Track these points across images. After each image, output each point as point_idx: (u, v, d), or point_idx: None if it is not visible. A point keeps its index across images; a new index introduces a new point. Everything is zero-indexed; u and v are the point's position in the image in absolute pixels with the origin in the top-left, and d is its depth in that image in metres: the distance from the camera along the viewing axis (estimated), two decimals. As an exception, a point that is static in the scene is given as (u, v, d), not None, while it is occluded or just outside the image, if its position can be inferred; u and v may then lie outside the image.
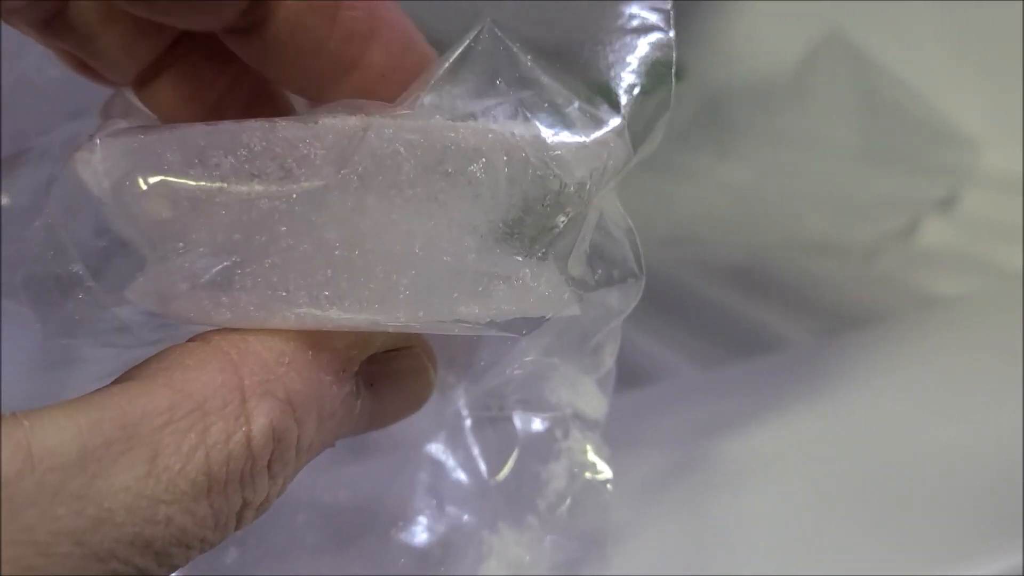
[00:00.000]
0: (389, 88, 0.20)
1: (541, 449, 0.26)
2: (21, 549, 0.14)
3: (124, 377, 0.17)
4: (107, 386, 0.16)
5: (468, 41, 0.20)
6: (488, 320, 0.19)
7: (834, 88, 0.60)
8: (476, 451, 0.26)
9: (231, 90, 0.22)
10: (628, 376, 0.41)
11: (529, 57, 0.20)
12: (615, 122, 0.19)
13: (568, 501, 0.26)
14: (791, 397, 0.38)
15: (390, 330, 0.19)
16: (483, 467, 0.26)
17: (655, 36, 0.20)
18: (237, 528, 0.17)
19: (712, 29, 0.66)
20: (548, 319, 0.20)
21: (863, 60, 0.59)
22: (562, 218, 0.19)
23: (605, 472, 0.26)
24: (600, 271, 0.21)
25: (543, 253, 0.19)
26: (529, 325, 0.19)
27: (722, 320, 0.47)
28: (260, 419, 0.17)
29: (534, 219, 0.19)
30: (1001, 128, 0.56)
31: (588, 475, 0.26)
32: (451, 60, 0.19)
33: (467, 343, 0.22)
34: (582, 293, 0.20)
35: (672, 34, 0.20)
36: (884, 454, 0.35)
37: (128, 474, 0.15)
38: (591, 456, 0.26)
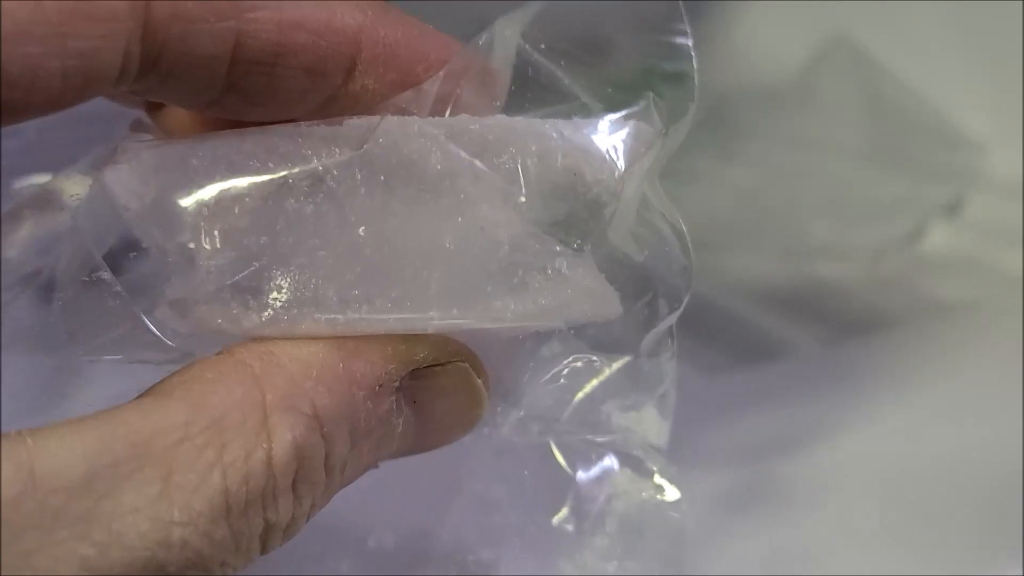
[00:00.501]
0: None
1: (601, 479, 0.25)
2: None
3: (141, 395, 0.16)
4: (121, 404, 0.16)
5: (481, 43, 0.20)
6: (526, 316, 0.18)
7: (839, 91, 0.60)
8: (531, 484, 0.25)
9: None
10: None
11: (543, 47, 0.20)
12: (640, 108, 0.19)
13: (639, 528, 0.25)
14: (796, 404, 0.38)
15: (426, 331, 0.18)
16: (540, 504, 0.25)
17: (671, 27, 0.20)
18: (263, 552, 0.16)
19: (715, 32, 0.65)
20: (592, 322, 0.20)
21: (868, 63, 0.59)
22: (595, 207, 0.19)
23: (673, 494, 0.25)
24: (646, 252, 0.21)
25: (578, 244, 0.19)
26: (576, 327, 0.19)
27: (726, 325, 0.47)
28: (283, 436, 0.16)
29: (566, 210, 0.19)
30: (1007, 132, 0.56)
31: (658, 498, 0.25)
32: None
33: (514, 361, 0.22)
34: (629, 285, 0.20)
35: (687, 27, 0.20)
36: (890, 459, 0.34)
37: (139, 494, 0.14)
38: (657, 480, 0.25)
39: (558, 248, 0.19)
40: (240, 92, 0.18)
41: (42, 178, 0.20)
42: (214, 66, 0.17)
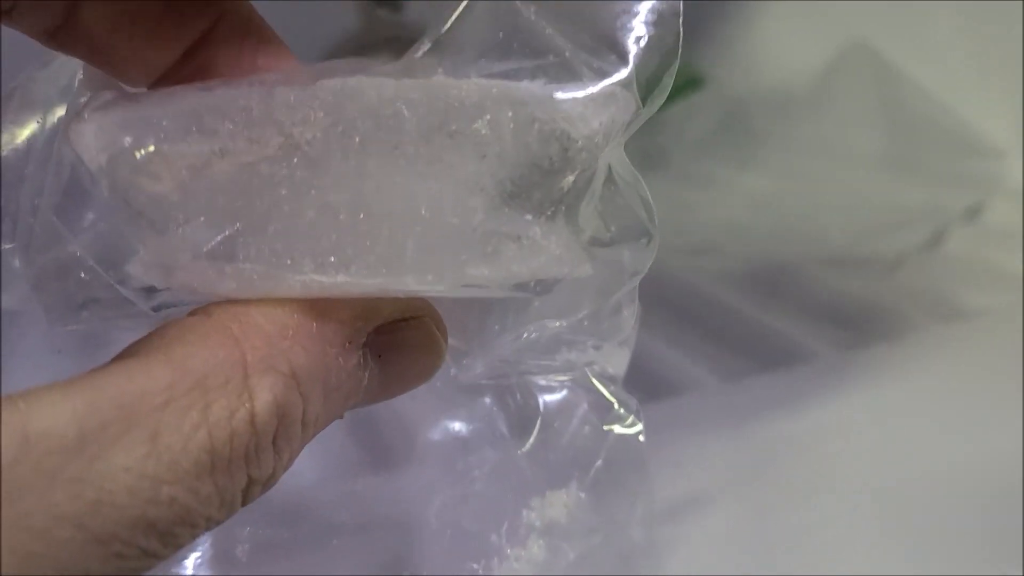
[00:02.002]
0: None
1: (565, 411, 0.25)
2: (20, 535, 0.14)
3: (124, 354, 0.16)
4: (106, 364, 0.16)
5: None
6: (499, 282, 0.18)
7: (857, 97, 0.60)
8: (499, 420, 0.26)
9: None
10: (648, 385, 0.41)
11: (533, 9, 0.19)
12: (622, 74, 0.19)
13: (601, 459, 0.25)
14: (815, 408, 0.38)
15: (400, 295, 0.18)
16: (508, 437, 0.26)
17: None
18: (243, 504, 0.17)
19: (734, 37, 0.66)
20: (560, 280, 0.19)
21: (886, 69, 0.59)
22: (570, 175, 0.18)
23: (635, 425, 0.25)
24: (613, 227, 0.20)
25: (552, 212, 0.19)
26: (541, 286, 0.19)
27: (744, 331, 0.47)
28: (264, 395, 0.16)
29: (541, 176, 0.18)
30: (1027, 137, 0.55)
31: (618, 429, 0.25)
32: (453, 17, 0.19)
33: (478, 308, 0.22)
34: (596, 250, 0.20)
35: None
36: (907, 466, 0.34)
37: (128, 455, 0.15)
38: (618, 409, 0.25)
39: (530, 217, 0.18)
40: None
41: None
42: None
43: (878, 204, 0.57)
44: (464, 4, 0.19)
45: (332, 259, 0.17)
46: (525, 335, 0.22)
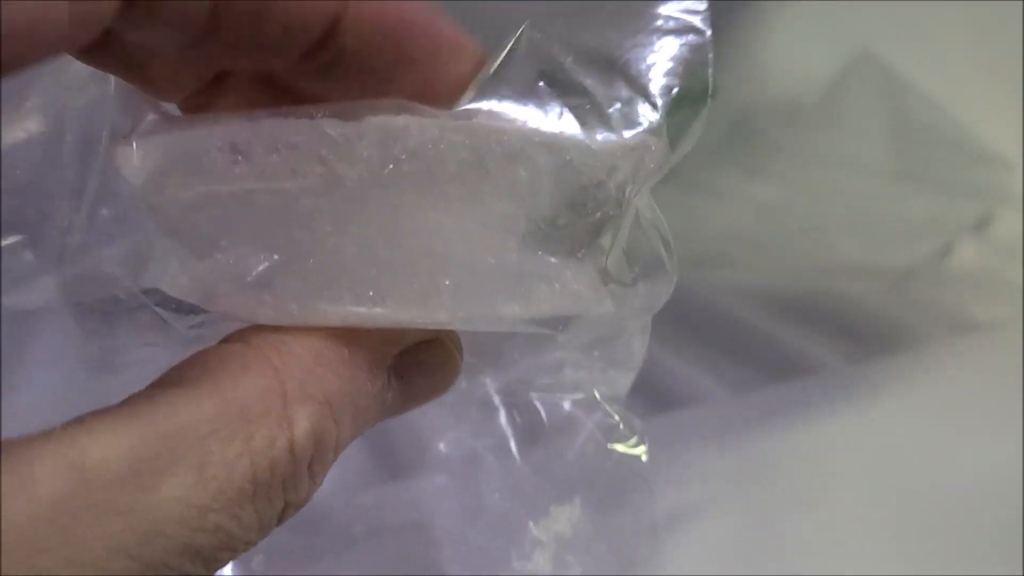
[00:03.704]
0: (440, 91, 0.20)
1: (571, 429, 0.26)
2: (80, 569, 0.14)
3: (167, 381, 0.17)
4: (151, 390, 0.16)
5: (511, 44, 0.20)
6: (526, 319, 0.19)
7: (866, 108, 0.60)
8: (509, 438, 0.26)
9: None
10: (658, 397, 0.41)
11: (570, 58, 0.20)
12: (653, 122, 0.19)
13: (605, 476, 0.26)
14: (824, 423, 0.38)
15: (430, 327, 0.19)
16: (517, 454, 0.26)
17: (691, 37, 0.20)
18: (277, 525, 0.17)
19: (743, 48, 0.66)
20: (581, 316, 0.20)
21: (895, 80, 0.59)
22: (601, 219, 0.19)
23: (639, 444, 0.26)
24: (636, 269, 0.21)
25: (582, 254, 0.19)
26: (562, 323, 0.20)
27: (753, 342, 0.47)
28: (302, 423, 0.17)
29: (575, 220, 0.19)
30: (1036, 149, 0.55)
31: (621, 448, 0.26)
32: (495, 65, 0.20)
33: (497, 333, 0.23)
34: (617, 289, 0.20)
35: (709, 34, 0.20)
36: (914, 477, 0.34)
37: (177, 485, 0.15)
38: (622, 429, 0.26)
39: (561, 259, 0.19)
40: (220, 36, 0.18)
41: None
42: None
43: (886, 215, 0.57)
44: (505, 51, 0.20)
45: (370, 293, 0.18)
46: (541, 362, 0.23)
